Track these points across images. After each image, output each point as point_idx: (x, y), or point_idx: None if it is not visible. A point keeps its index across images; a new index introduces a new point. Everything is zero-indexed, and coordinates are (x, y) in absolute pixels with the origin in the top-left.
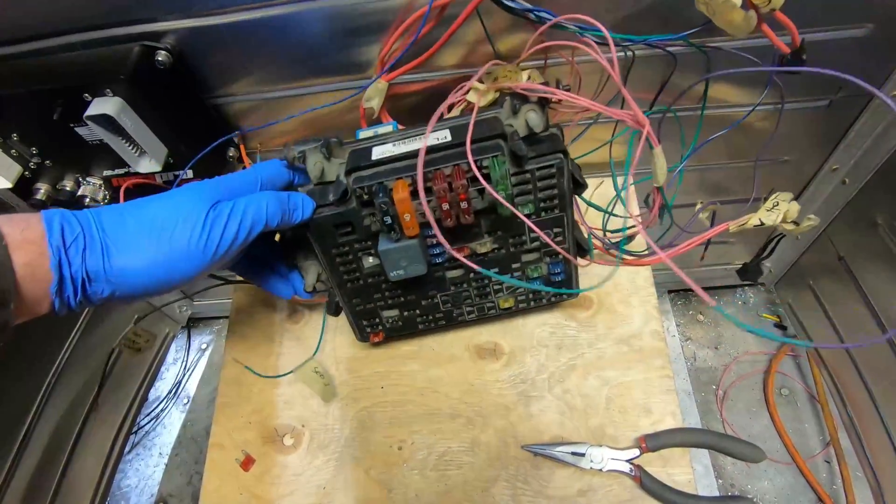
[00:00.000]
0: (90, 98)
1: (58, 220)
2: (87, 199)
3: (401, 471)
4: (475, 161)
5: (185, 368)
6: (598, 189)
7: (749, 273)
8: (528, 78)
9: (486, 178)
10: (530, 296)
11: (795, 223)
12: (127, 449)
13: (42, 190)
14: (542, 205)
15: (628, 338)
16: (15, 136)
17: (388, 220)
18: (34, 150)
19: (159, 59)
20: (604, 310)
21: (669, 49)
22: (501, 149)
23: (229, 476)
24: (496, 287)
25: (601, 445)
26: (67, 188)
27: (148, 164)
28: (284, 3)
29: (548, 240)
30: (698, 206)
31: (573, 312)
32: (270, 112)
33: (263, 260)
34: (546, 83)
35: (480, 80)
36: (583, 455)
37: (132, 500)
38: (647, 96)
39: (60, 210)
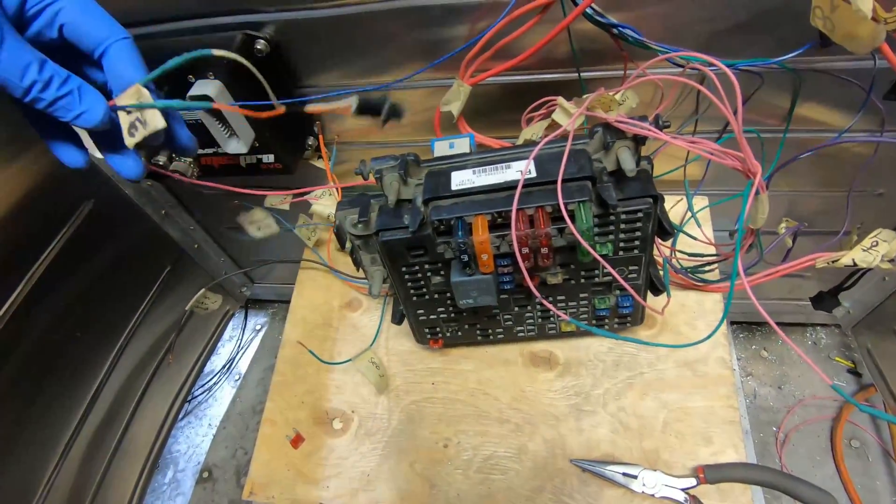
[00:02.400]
0: (193, 80)
1: None
2: (177, 174)
3: (445, 469)
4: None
5: (239, 346)
6: (670, 208)
7: (825, 303)
8: (623, 102)
9: (570, 217)
10: (593, 322)
11: (892, 262)
12: (180, 416)
13: None
14: (621, 245)
15: (692, 362)
16: None
17: (465, 257)
18: None
19: (258, 47)
20: (668, 330)
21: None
22: (589, 193)
23: (279, 451)
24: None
25: (655, 470)
26: (161, 162)
27: (236, 146)
28: (379, 1)
29: (625, 283)
30: (782, 228)
31: (635, 330)
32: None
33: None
34: (644, 117)
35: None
36: (635, 477)
37: (180, 465)
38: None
39: None
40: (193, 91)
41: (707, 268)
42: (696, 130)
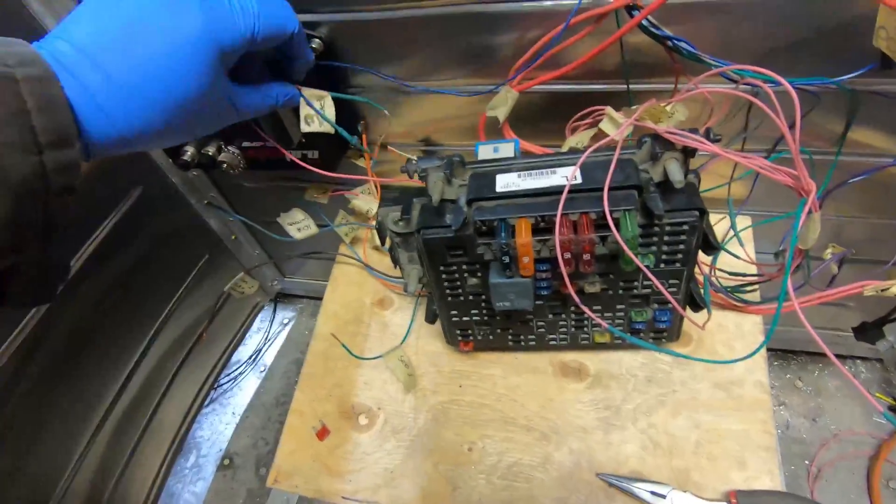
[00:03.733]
0: None
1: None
2: (225, 165)
3: (468, 471)
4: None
5: (266, 339)
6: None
7: (868, 334)
8: (672, 115)
9: (615, 225)
10: (627, 335)
11: None
12: (206, 403)
13: (189, 152)
14: (663, 257)
15: (727, 384)
16: None
17: (506, 259)
18: None
19: (313, 46)
20: (703, 350)
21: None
22: (635, 202)
23: (304, 443)
24: (595, 322)
25: (685, 491)
26: (210, 153)
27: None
28: (434, 5)
29: (669, 297)
30: (828, 254)
31: (670, 347)
32: (394, 106)
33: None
34: (695, 130)
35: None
36: (663, 497)
37: (202, 451)
38: (772, 133)
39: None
40: None
41: (748, 288)
42: (743, 147)
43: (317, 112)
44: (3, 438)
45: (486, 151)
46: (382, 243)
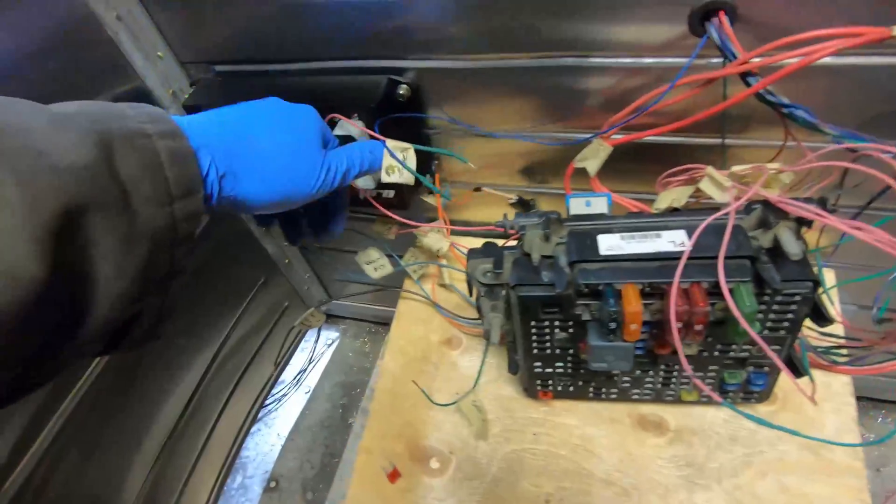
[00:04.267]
0: (337, 119)
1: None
2: None
3: None
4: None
5: (310, 360)
6: None
7: None
8: (782, 182)
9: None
10: (717, 394)
11: None
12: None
13: None
14: (769, 324)
15: (817, 446)
16: None
17: (613, 325)
18: None
19: (400, 91)
20: (789, 408)
21: None
22: (749, 273)
23: (374, 484)
24: (683, 380)
25: None
26: None
27: (364, 182)
28: (526, 57)
29: (785, 368)
30: None
31: (755, 407)
32: (468, 144)
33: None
34: (810, 200)
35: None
36: None
37: (248, 471)
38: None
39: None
40: (338, 131)
41: (843, 350)
42: (836, 203)
43: (400, 163)
44: (62, 457)
45: (578, 206)
46: (470, 293)
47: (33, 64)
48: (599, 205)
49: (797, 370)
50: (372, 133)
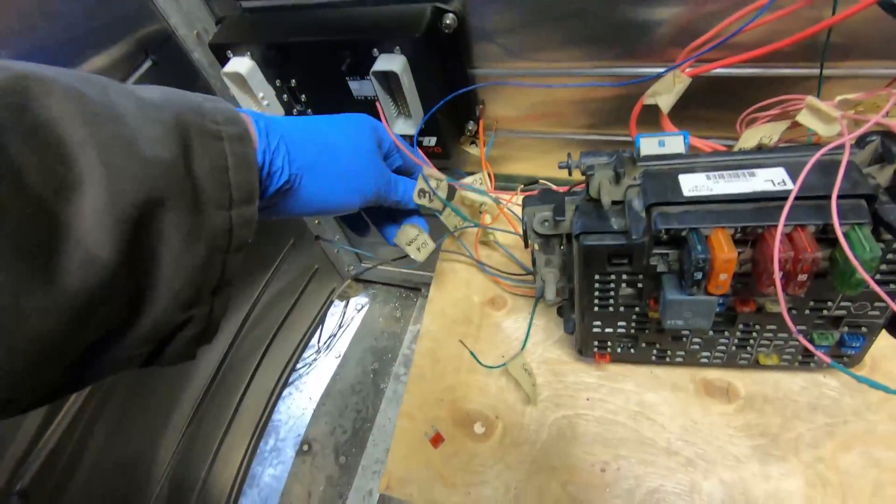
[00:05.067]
0: (377, 53)
1: (263, 127)
2: None
3: (601, 495)
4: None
5: (340, 324)
6: None
7: None
8: None
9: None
10: (800, 357)
11: None
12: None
13: None
14: (877, 277)
15: None
16: (293, 82)
17: (699, 275)
18: (303, 98)
19: (447, 21)
20: (879, 374)
21: None
22: (867, 215)
23: (416, 449)
24: (763, 342)
25: None
26: None
27: (403, 126)
28: None
29: None
30: None
31: (836, 370)
32: (517, 90)
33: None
34: None
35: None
36: None
37: (281, 434)
38: None
39: (264, 120)
40: (378, 66)
41: None
42: None
43: (432, 191)
44: (94, 425)
45: (649, 146)
46: (526, 245)
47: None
48: (675, 144)
49: None
50: (415, 159)
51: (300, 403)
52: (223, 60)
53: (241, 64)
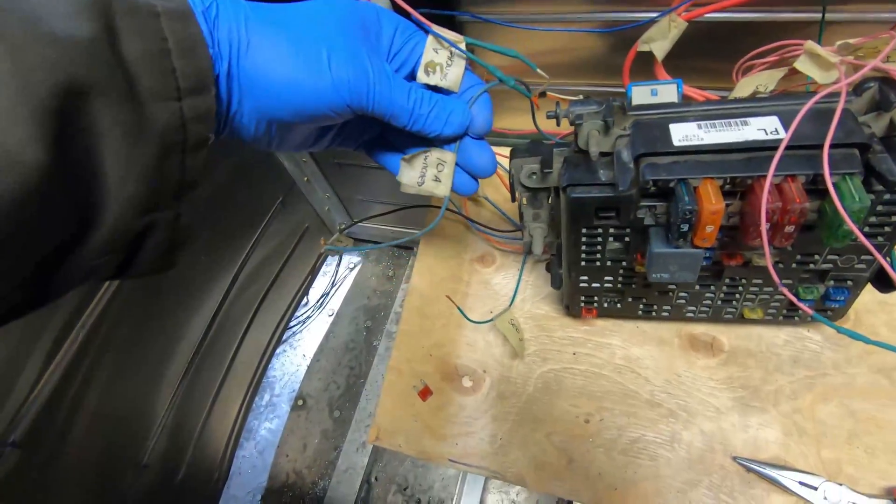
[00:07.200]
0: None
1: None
2: None
3: (584, 444)
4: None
5: (333, 283)
6: None
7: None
8: None
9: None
10: (784, 311)
11: None
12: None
13: None
14: (865, 229)
15: (890, 370)
16: None
17: (685, 227)
18: None
19: None
20: (861, 329)
21: None
22: (859, 165)
23: (404, 401)
24: (749, 296)
25: (840, 484)
26: None
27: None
28: None
29: (892, 271)
30: None
31: (819, 324)
32: (505, 38)
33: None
34: None
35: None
36: (814, 488)
37: (276, 390)
38: None
39: None
40: None
41: None
42: None
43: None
44: (92, 375)
45: (641, 95)
46: (513, 198)
47: None
48: (668, 93)
49: (889, 283)
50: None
51: (294, 360)
52: None
53: None
